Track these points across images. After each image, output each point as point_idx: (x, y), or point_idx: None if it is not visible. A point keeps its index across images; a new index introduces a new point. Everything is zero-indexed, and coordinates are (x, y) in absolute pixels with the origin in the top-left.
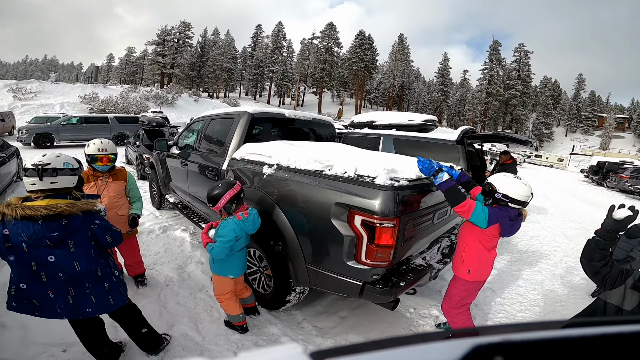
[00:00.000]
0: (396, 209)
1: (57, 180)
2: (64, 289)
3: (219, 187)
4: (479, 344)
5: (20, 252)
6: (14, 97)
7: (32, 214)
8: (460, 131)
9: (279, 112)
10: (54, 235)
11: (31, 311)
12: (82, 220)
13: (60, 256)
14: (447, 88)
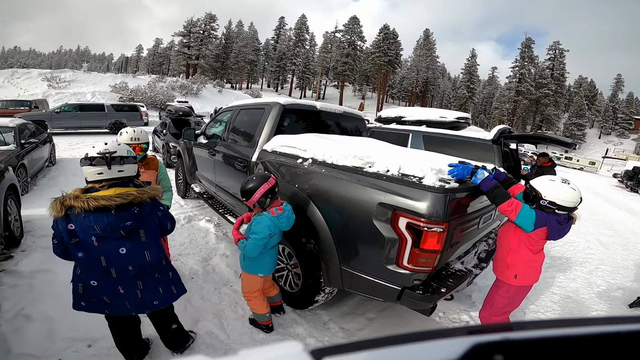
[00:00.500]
0: (446, 212)
1: (124, 168)
2: (134, 284)
3: (253, 180)
4: (479, 342)
5: (90, 248)
6: (49, 86)
7: (107, 204)
8: (497, 130)
9: (311, 104)
10: (127, 225)
11: (102, 310)
12: (150, 208)
13: (132, 247)
14: (474, 85)
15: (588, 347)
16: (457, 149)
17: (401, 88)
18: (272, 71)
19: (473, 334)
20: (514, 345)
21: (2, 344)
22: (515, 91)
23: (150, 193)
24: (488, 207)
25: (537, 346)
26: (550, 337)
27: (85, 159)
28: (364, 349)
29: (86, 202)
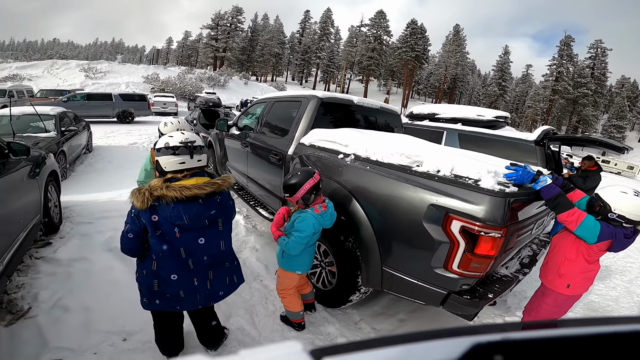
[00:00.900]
0: (505, 217)
1: (202, 157)
2: (206, 274)
3: (298, 175)
4: (479, 343)
5: (173, 239)
6: (86, 76)
7: (199, 193)
8: (540, 131)
9: (348, 98)
10: (212, 214)
11: (174, 306)
12: (227, 197)
13: (210, 237)
14: (506, 82)
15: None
16: (495, 149)
17: (428, 84)
18: (296, 64)
19: (473, 333)
20: (514, 345)
21: (39, 336)
22: (551, 90)
23: (229, 182)
24: (543, 213)
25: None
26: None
27: (166, 149)
28: (363, 349)
29: (179, 192)
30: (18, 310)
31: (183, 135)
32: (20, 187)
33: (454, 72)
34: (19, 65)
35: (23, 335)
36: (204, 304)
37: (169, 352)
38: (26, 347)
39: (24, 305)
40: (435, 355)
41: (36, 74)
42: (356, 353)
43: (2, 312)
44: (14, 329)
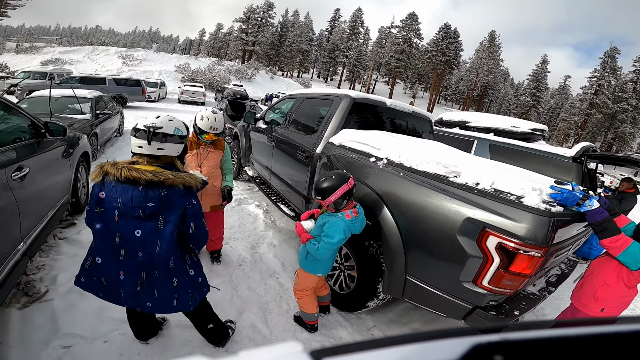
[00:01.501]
0: (547, 237)
1: (164, 146)
2: (137, 272)
3: (332, 178)
4: (479, 343)
5: (110, 221)
6: (123, 63)
7: (138, 177)
8: (580, 147)
9: (381, 99)
10: (149, 206)
11: (97, 292)
12: (180, 196)
13: (148, 232)
14: (540, 93)
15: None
16: (528, 162)
17: (456, 90)
18: (323, 62)
19: (472, 334)
20: (514, 346)
21: (52, 321)
22: (589, 103)
23: (186, 179)
24: (581, 233)
25: (536, 347)
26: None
27: (132, 129)
28: (363, 349)
29: (120, 170)
30: (35, 293)
31: (154, 120)
32: (54, 166)
33: (485, 80)
34: (62, 50)
35: (36, 320)
36: (130, 305)
37: (138, 335)
38: (37, 332)
39: (41, 288)
40: (435, 356)
41: (77, 58)
42: (356, 354)
43: (18, 294)
44: (27, 312)
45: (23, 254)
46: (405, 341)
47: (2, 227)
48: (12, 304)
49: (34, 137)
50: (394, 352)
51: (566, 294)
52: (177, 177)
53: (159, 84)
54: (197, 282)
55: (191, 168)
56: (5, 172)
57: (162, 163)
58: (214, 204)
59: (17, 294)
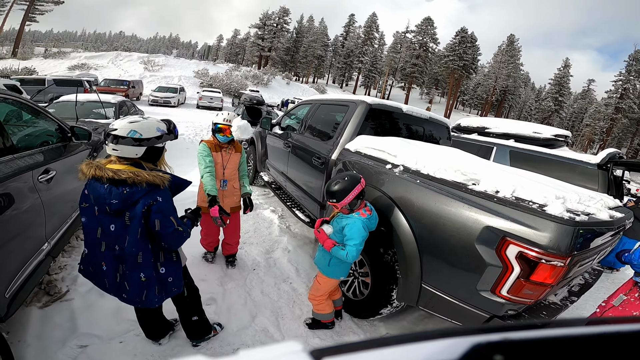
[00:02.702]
0: (570, 246)
1: (118, 148)
2: (115, 265)
3: (345, 180)
4: (479, 343)
5: (91, 215)
6: (144, 68)
7: (100, 175)
8: (606, 154)
9: (397, 106)
10: (113, 203)
11: (91, 279)
12: (143, 194)
13: (119, 227)
14: (563, 98)
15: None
16: (549, 169)
17: (474, 95)
18: (338, 67)
19: (472, 334)
20: (514, 346)
21: (70, 320)
22: (614, 108)
23: (148, 178)
24: (607, 243)
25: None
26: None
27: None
28: (363, 349)
29: (89, 169)
30: (56, 292)
31: (115, 122)
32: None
33: (505, 84)
34: (87, 55)
35: (55, 319)
36: (114, 295)
37: (148, 334)
38: (56, 331)
39: (62, 288)
40: (435, 356)
41: (102, 64)
42: (356, 353)
43: (40, 293)
44: (47, 311)
45: (47, 254)
46: (405, 341)
47: (28, 227)
48: (33, 302)
49: (60, 140)
50: (393, 352)
51: (589, 304)
52: (139, 175)
53: (179, 89)
54: (166, 281)
55: (217, 171)
56: (32, 175)
57: (132, 162)
58: (234, 205)
59: (39, 293)
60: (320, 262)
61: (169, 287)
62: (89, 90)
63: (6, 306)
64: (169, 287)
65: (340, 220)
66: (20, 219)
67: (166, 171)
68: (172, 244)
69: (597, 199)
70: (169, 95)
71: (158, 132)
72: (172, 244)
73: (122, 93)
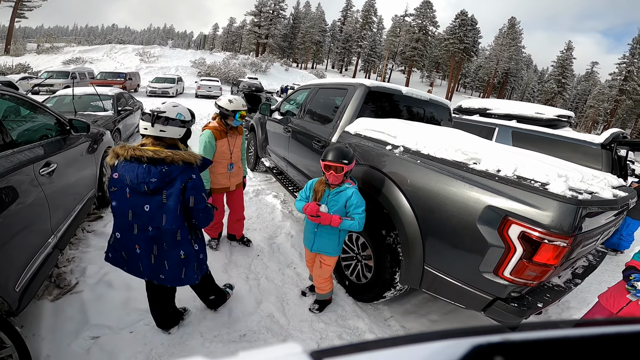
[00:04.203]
0: (573, 225)
1: (166, 129)
2: (149, 246)
3: (347, 149)
4: (479, 344)
5: (123, 198)
6: (140, 60)
7: (140, 155)
8: (609, 134)
9: (396, 88)
10: (152, 181)
11: (122, 266)
12: (180, 171)
13: (154, 207)
14: (566, 80)
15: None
16: (552, 150)
17: (476, 77)
18: (337, 52)
19: (472, 335)
20: (515, 347)
21: (81, 312)
22: (618, 90)
23: (184, 156)
24: (611, 223)
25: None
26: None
27: (141, 112)
28: (363, 350)
29: (126, 151)
30: (66, 285)
31: (160, 105)
32: (79, 161)
33: (507, 67)
34: (81, 49)
35: (67, 311)
36: (150, 278)
37: (159, 323)
38: (68, 323)
39: (71, 280)
40: (434, 357)
41: (96, 57)
42: (355, 355)
43: (50, 286)
44: (59, 304)
45: (54, 247)
46: (405, 342)
47: (33, 221)
48: (45, 296)
49: (59, 134)
50: (393, 354)
51: (593, 287)
52: (176, 154)
53: (176, 80)
54: (200, 258)
55: (225, 155)
56: (33, 168)
57: (166, 145)
58: (238, 182)
59: (50, 286)
60: (328, 246)
61: (203, 263)
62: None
63: (17, 300)
64: (203, 263)
65: (339, 195)
66: (24, 212)
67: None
68: (202, 221)
69: (600, 177)
70: (166, 85)
71: (190, 115)
72: (202, 220)
73: (119, 85)
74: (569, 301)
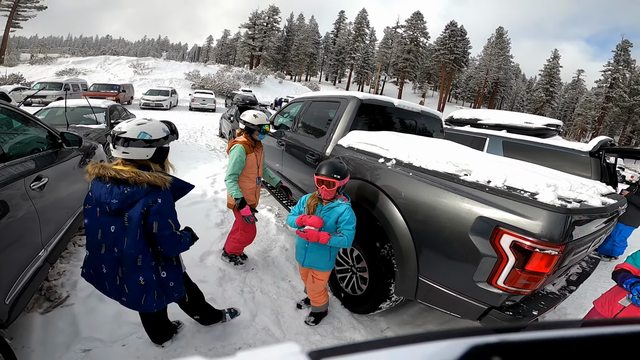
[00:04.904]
0: (564, 234)
1: (128, 150)
2: (115, 267)
3: (342, 163)
4: (477, 344)
5: (93, 217)
6: (134, 72)
7: (103, 174)
8: (597, 142)
9: (388, 100)
10: (113, 202)
11: (93, 282)
12: (144, 193)
13: (118, 229)
14: (554, 88)
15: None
16: (542, 159)
17: (466, 88)
18: (330, 65)
19: (470, 335)
20: (512, 347)
21: (73, 325)
22: (604, 97)
23: (149, 178)
24: (601, 230)
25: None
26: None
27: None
28: (361, 351)
29: (94, 168)
30: (56, 298)
31: (123, 125)
32: (71, 175)
33: (496, 76)
34: (75, 60)
35: (58, 324)
36: (115, 298)
37: (153, 337)
38: (59, 335)
39: (62, 293)
40: (432, 357)
41: (90, 68)
42: (353, 355)
43: (40, 299)
44: (49, 316)
45: (44, 261)
46: (402, 342)
47: (23, 235)
48: (35, 308)
49: (51, 147)
50: (391, 354)
51: (589, 293)
52: (141, 175)
53: (170, 92)
54: (168, 286)
55: (254, 169)
56: (24, 182)
57: (137, 165)
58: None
59: (40, 299)
60: (320, 261)
61: (170, 291)
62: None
63: (7, 312)
64: (171, 291)
65: (331, 211)
66: (15, 226)
67: (168, 173)
68: (168, 249)
69: (589, 186)
70: (160, 98)
71: (164, 132)
72: (168, 248)
73: (112, 97)
74: (566, 307)
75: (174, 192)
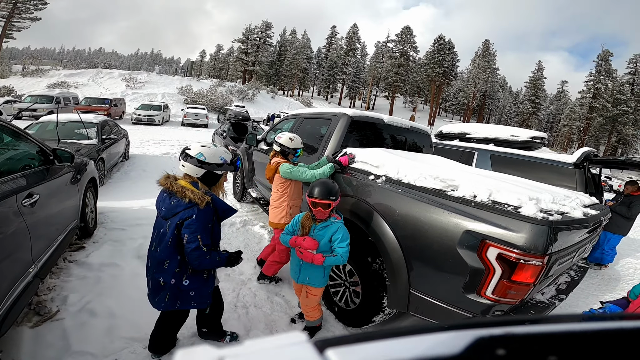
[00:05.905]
0: (546, 245)
1: (185, 164)
2: (153, 263)
3: (333, 184)
4: (482, 336)
5: (157, 218)
6: (126, 86)
7: (162, 184)
8: (580, 153)
9: (378, 116)
10: (162, 209)
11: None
12: (184, 207)
13: (163, 232)
14: (539, 100)
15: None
16: (530, 171)
17: (456, 101)
18: (322, 79)
19: (476, 327)
20: (517, 340)
21: (63, 339)
22: (588, 107)
23: (190, 195)
24: (585, 240)
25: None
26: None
27: None
28: (366, 340)
29: (164, 178)
30: (46, 312)
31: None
32: (63, 192)
33: (484, 89)
34: (67, 73)
35: (47, 338)
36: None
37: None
38: (49, 350)
39: (52, 308)
40: (438, 348)
41: (82, 81)
42: (359, 344)
43: (30, 313)
44: (39, 330)
45: (34, 276)
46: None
47: (14, 250)
48: (24, 322)
49: (43, 163)
50: (397, 344)
51: (581, 301)
52: (186, 190)
53: (162, 107)
54: (186, 293)
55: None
56: (16, 199)
57: (191, 180)
58: None
59: (29, 313)
60: (313, 278)
61: (188, 299)
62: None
63: None
64: (188, 299)
65: (325, 230)
66: (5, 242)
67: (212, 193)
68: (192, 261)
69: (572, 197)
70: (152, 113)
71: (221, 160)
72: (192, 261)
73: (104, 112)
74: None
75: (218, 212)
